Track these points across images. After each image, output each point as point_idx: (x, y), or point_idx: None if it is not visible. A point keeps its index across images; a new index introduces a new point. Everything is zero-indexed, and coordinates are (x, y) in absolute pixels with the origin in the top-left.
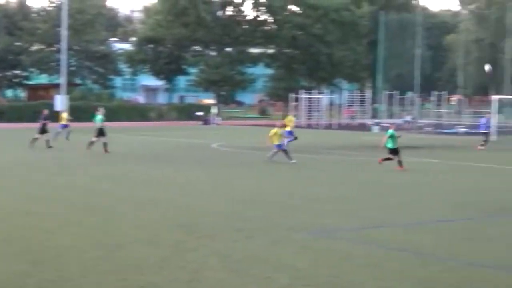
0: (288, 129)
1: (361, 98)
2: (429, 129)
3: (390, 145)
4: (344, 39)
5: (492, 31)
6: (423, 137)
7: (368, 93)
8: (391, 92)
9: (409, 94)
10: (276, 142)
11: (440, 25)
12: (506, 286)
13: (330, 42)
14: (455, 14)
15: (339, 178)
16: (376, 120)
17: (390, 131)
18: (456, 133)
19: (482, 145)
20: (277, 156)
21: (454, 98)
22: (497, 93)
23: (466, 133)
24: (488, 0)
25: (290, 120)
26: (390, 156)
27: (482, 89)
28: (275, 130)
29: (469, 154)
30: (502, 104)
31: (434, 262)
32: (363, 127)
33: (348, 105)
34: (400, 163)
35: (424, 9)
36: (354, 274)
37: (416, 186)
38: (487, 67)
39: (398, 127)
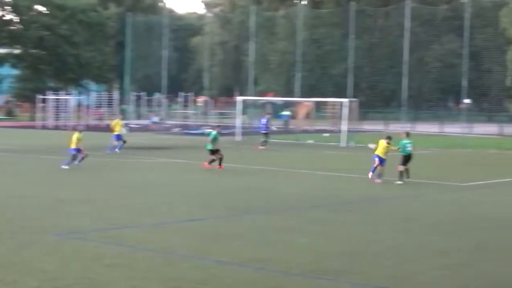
0: (116, 133)
1: (109, 99)
2: (176, 129)
3: (209, 146)
4: (92, 40)
5: (236, 34)
6: (170, 137)
7: (116, 94)
8: (138, 93)
9: (157, 95)
10: (74, 146)
11: (186, 27)
12: (249, 281)
13: (77, 43)
14: (201, 16)
15: (86, 180)
16: (125, 121)
17: (214, 133)
18: (202, 134)
19: (262, 145)
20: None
21: (200, 99)
22: (241, 94)
23: None
24: (231, 4)
25: (117, 123)
26: (213, 157)
27: (227, 90)
28: (76, 134)
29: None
30: (246, 105)
31: (182, 260)
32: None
33: (96, 106)
34: (220, 161)
35: (171, 11)
36: (104, 275)
37: (164, 186)
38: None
39: (146, 128)
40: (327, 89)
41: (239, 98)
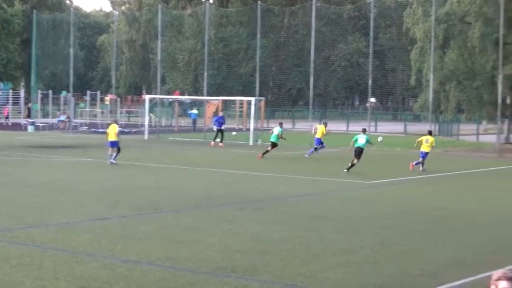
0: (318, 136)
1: (15, 97)
2: (84, 128)
3: (274, 139)
4: None
5: (143, 32)
6: (78, 136)
7: (22, 93)
8: (45, 92)
9: (64, 94)
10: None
11: (93, 25)
12: (158, 279)
13: None
14: (107, 14)
15: None
16: (31, 120)
17: (280, 128)
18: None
19: (221, 141)
20: None
21: (108, 98)
22: (149, 93)
23: (120, 132)
24: (138, 2)
25: (323, 129)
26: (270, 149)
27: (134, 89)
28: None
29: (125, 153)
30: (153, 103)
31: (90, 260)
32: (18, 127)
33: (2, 105)
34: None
35: (77, 9)
36: (10, 275)
37: (72, 185)
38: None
39: (53, 127)
40: (235, 87)
41: (147, 97)
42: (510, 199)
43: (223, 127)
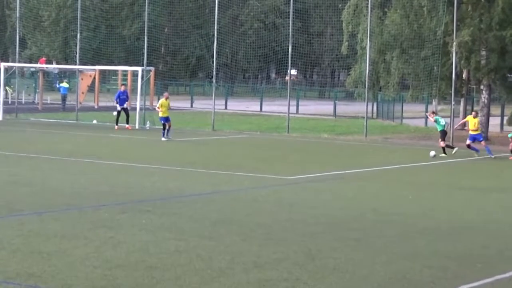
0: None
1: None
2: None
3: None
4: None
5: None
6: None
7: None
8: None
9: None
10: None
11: None
12: None
13: None
14: None
15: None
16: None
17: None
18: None
19: (127, 122)
20: None
21: None
22: (5, 60)
23: None
24: None
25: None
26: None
27: None
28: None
29: None
30: (11, 73)
31: None
32: None
33: None
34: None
35: None
36: None
37: None
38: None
39: None
40: (116, 54)
41: (2, 65)
42: (462, 200)
43: (126, 105)
